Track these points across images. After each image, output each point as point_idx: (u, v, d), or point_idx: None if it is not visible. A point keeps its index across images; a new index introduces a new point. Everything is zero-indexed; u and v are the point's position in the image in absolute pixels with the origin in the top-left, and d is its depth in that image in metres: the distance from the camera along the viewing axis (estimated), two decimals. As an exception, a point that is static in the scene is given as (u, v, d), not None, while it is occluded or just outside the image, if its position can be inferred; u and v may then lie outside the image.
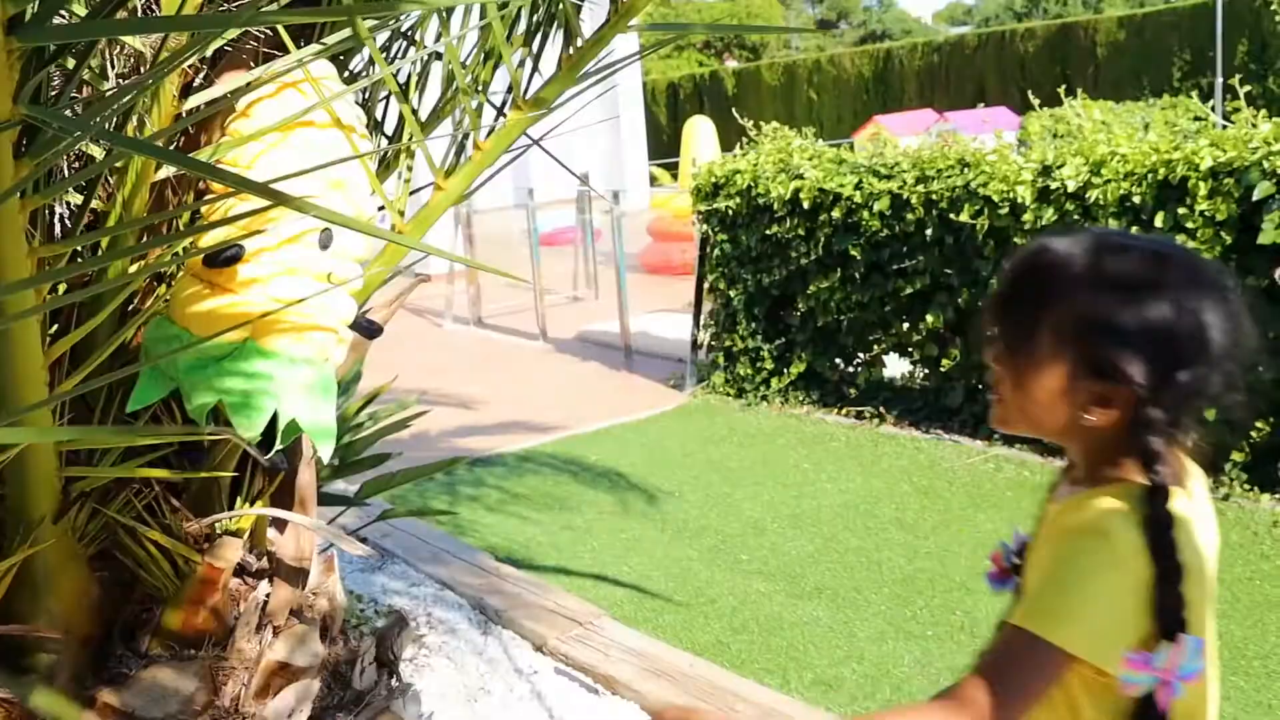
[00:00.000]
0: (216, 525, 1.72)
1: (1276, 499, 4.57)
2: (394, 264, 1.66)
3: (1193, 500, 1.28)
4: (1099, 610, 1.19)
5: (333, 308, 1.52)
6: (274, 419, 1.48)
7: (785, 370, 6.69)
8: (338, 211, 1.50)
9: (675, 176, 16.76)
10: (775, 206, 6.43)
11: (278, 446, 1.58)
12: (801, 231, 6.34)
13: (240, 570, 1.83)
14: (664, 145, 22.87)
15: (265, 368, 1.43)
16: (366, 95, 1.84)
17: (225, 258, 1.37)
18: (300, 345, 1.49)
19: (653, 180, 17.83)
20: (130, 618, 1.70)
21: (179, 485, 1.67)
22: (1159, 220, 4.62)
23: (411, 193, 1.83)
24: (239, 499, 1.75)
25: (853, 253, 6.06)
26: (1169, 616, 1.19)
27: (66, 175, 1.35)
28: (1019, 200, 5.16)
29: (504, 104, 1.74)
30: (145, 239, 1.50)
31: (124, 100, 1.06)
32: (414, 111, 1.65)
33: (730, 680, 3.42)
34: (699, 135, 14.27)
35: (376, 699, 1.85)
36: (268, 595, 1.79)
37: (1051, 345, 1.22)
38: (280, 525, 1.82)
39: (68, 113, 1.13)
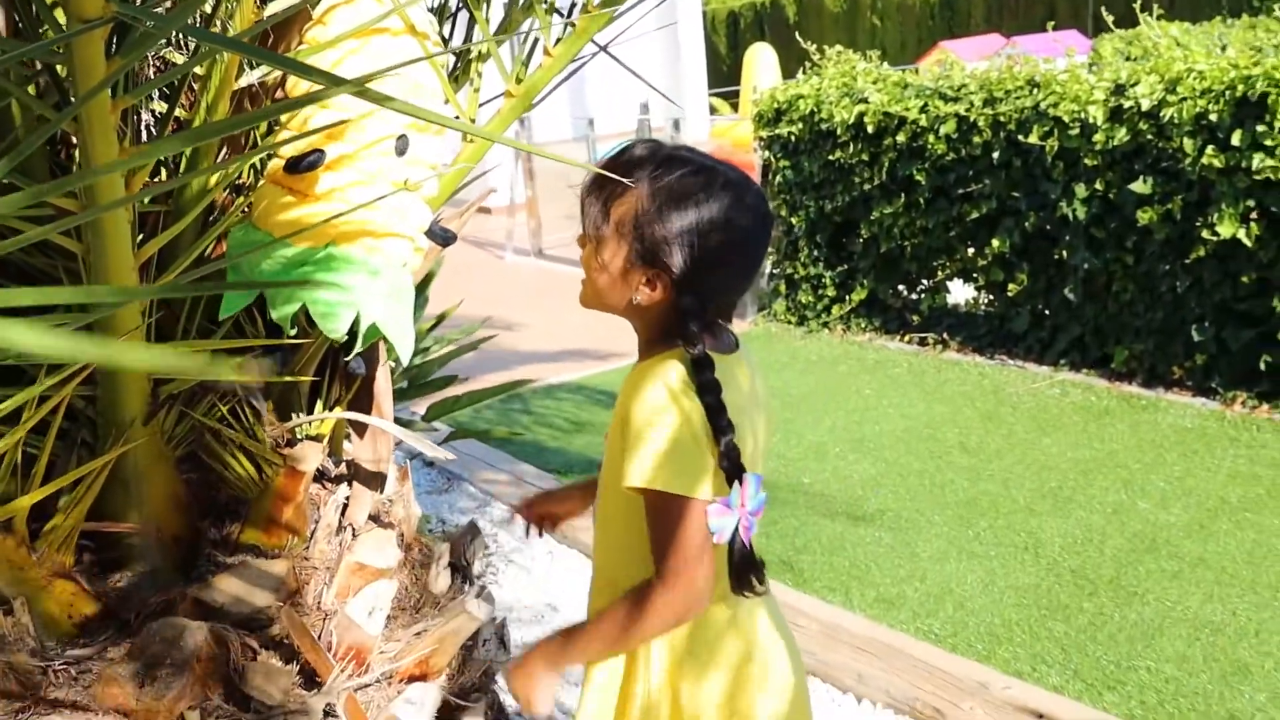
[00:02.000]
0: (297, 430, 1.77)
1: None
2: (474, 163, 1.68)
3: (738, 363, 1.51)
4: (679, 449, 1.40)
5: (409, 214, 1.55)
6: (354, 325, 1.52)
7: (847, 297, 6.66)
8: (414, 117, 1.52)
9: (735, 107, 16.54)
10: (838, 131, 6.35)
11: (358, 349, 1.62)
12: (865, 157, 6.26)
13: (320, 475, 1.88)
14: (724, 75, 22.54)
15: (347, 273, 1.47)
16: (436, 4, 1.85)
17: (307, 164, 1.40)
18: (379, 251, 1.52)
19: (712, 111, 17.63)
20: (216, 520, 1.76)
21: (263, 389, 1.72)
22: (1236, 138, 4.50)
23: (481, 104, 1.84)
24: (319, 404, 1.80)
25: (917, 177, 5.98)
26: (731, 464, 1.41)
27: (154, 79, 1.38)
28: (1090, 120, 5.05)
29: (571, 11, 1.75)
30: (226, 149, 1.54)
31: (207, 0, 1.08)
32: (485, 19, 1.66)
33: (793, 597, 3.46)
34: (760, 63, 14.03)
35: (452, 598, 1.90)
36: (347, 498, 1.84)
37: (616, 233, 1.44)
38: (359, 431, 1.87)
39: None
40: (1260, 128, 4.44)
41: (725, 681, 1.53)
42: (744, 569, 1.47)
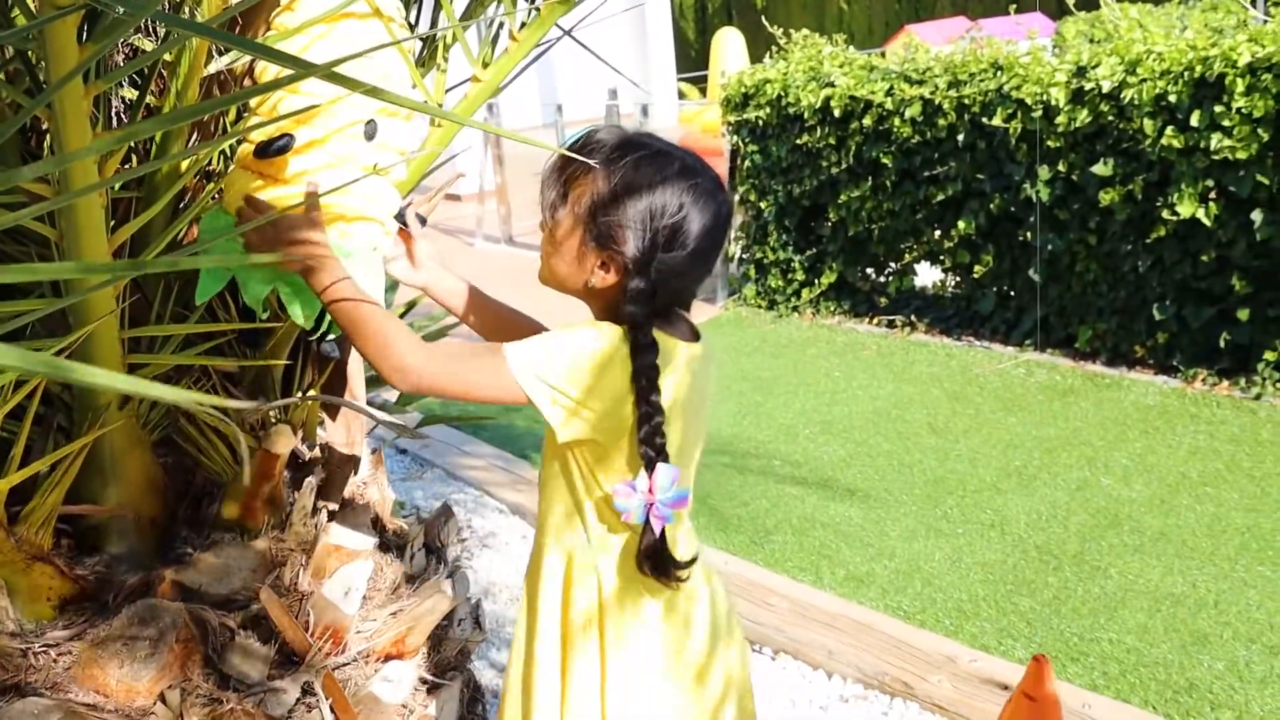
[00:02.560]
0: (271, 414, 1.79)
1: (1309, 398, 4.58)
2: (442, 147, 1.70)
3: (694, 353, 1.52)
4: (561, 359, 1.41)
5: (379, 198, 1.57)
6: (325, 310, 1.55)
7: (816, 281, 6.71)
8: (382, 103, 1.54)
9: (703, 92, 16.55)
10: (805, 115, 6.39)
11: (331, 337, 1.64)
12: (832, 140, 6.31)
13: (294, 459, 1.91)
14: (692, 61, 22.55)
15: None
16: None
17: (276, 148, 1.41)
18: (350, 235, 1.54)
19: (681, 96, 17.64)
20: (192, 503, 1.78)
21: (235, 375, 1.74)
22: (1195, 119, 4.58)
23: (448, 89, 1.86)
24: (293, 389, 1.82)
25: (884, 161, 6.03)
26: (651, 448, 1.43)
27: (124, 65, 1.40)
28: (1053, 103, 5.11)
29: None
30: (196, 134, 1.55)
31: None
32: (451, 4, 1.68)
33: (765, 576, 3.51)
34: (727, 47, 14.06)
35: (427, 579, 1.93)
36: (321, 481, 1.86)
37: (573, 216, 1.46)
38: (333, 414, 1.89)
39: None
40: (1218, 108, 4.51)
41: (650, 663, 1.56)
42: (648, 556, 1.48)
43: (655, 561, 1.48)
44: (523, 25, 1.71)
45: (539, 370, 1.41)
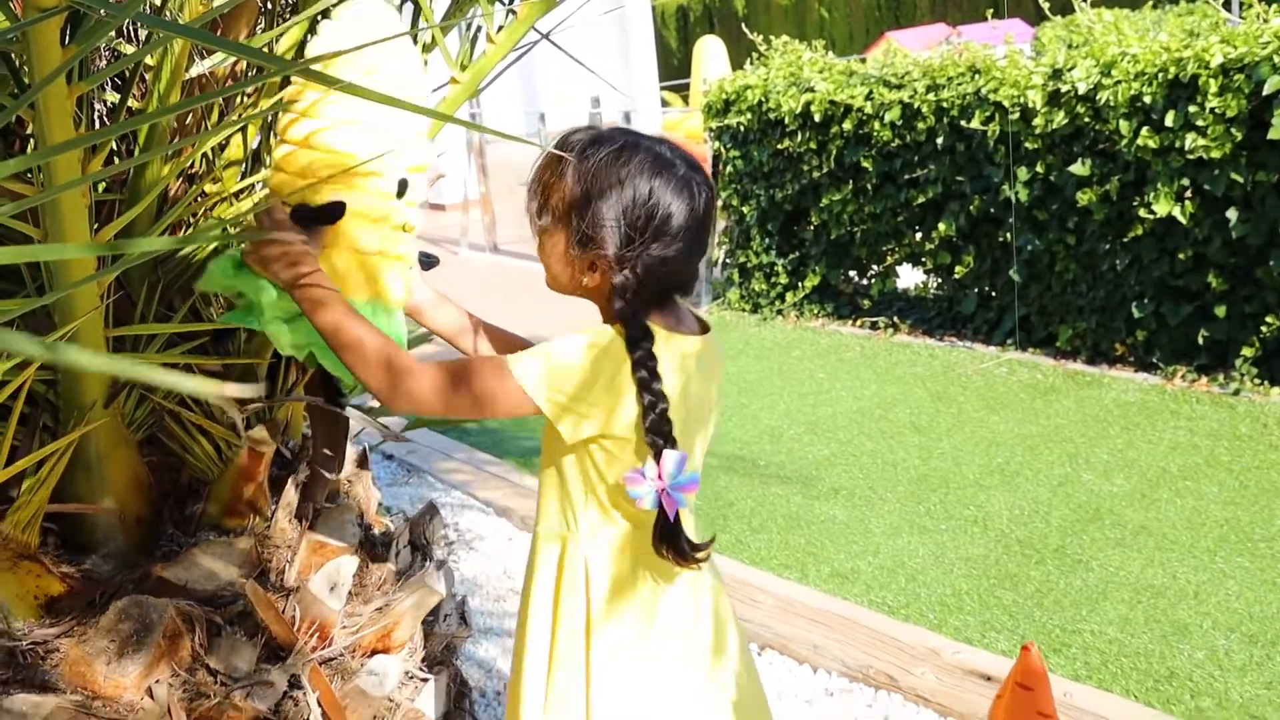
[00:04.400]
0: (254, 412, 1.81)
1: (1286, 392, 4.63)
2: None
3: (691, 350, 1.52)
4: (560, 365, 1.44)
5: (409, 254, 1.61)
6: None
7: (799, 284, 6.75)
8: (369, 99, 1.56)
9: (686, 100, 16.61)
10: (786, 121, 6.44)
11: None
12: (813, 145, 6.35)
13: (279, 457, 1.93)
14: (674, 69, 22.64)
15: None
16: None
17: (328, 216, 1.42)
18: (384, 298, 1.57)
19: (664, 104, 17.69)
20: (178, 501, 1.80)
21: (219, 374, 1.76)
22: (1170, 119, 4.63)
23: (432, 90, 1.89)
24: (277, 388, 1.84)
25: (864, 164, 6.08)
26: (657, 435, 1.44)
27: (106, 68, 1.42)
28: (1029, 105, 5.17)
29: (512, 1, 1.80)
30: (178, 136, 1.58)
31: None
32: (430, 8, 1.71)
33: (751, 574, 3.54)
34: (709, 55, 14.11)
35: (412, 575, 1.95)
36: (306, 478, 1.88)
37: (555, 223, 1.49)
38: (318, 413, 1.91)
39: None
40: (1192, 109, 4.57)
41: (639, 653, 1.57)
42: (665, 540, 1.50)
43: (672, 545, 1.49)
44: (500, 28, 1.74)
45: (543, 378, 1.44)
